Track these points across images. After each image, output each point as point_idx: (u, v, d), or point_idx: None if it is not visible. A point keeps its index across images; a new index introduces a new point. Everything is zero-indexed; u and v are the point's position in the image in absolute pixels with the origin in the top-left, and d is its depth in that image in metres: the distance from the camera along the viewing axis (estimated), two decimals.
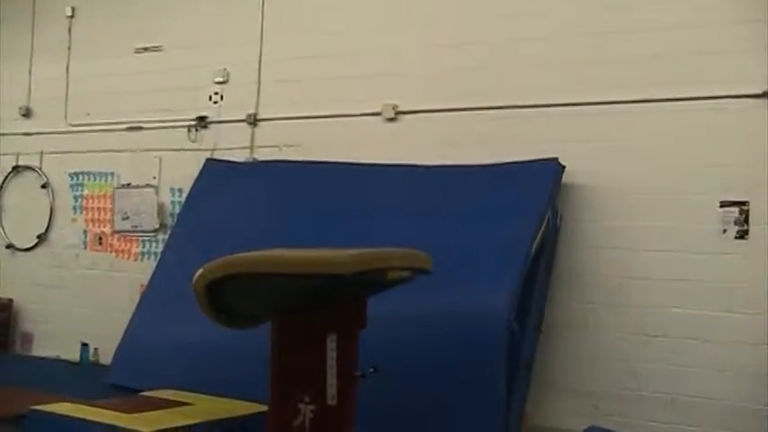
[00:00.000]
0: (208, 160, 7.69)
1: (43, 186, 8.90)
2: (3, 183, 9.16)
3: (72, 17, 8.87)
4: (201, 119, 7.97)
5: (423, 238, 5.27)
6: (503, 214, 5.91)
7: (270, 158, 7.45)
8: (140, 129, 8.30)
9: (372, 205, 6.39)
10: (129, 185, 8.34)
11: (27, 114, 9.09)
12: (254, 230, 6.47)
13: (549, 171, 6.09)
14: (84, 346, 8.06)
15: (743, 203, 5.73)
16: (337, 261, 4.10)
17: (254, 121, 7.70)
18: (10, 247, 9.01)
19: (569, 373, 6.08)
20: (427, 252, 4.74)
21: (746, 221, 5.72)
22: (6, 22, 9.16)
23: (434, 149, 6.63)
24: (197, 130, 7.99)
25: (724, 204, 5.78)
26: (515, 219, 5.82)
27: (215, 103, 7.97)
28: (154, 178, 8.18)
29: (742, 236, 5.73)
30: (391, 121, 7.01)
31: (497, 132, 6.49)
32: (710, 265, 5.76)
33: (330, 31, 7.41)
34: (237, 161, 7.60)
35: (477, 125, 6.59)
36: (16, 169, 9.10)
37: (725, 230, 5.77)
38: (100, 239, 8.48)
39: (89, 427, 4.80)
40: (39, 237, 8.85)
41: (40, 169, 8.94)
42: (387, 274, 4.43)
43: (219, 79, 7.93)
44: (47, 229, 8.83)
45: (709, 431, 5.63)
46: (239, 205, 7.08)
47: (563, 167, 6.11)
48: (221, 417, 5.14)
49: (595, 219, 6.11)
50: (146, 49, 8.40)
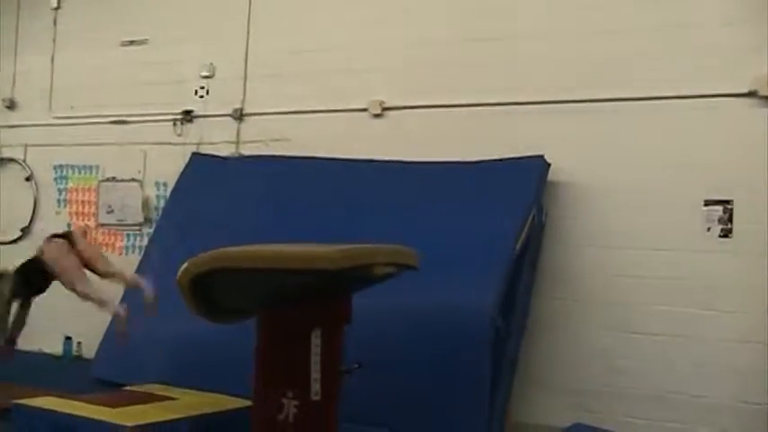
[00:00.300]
0: (193, 154, 7.67)
1: (27, 179, 8.85)
2: None
3: (57, 9, 8.84)
4: (187, 113, 7.95)
5: (408, 233, 5.27)
6: (488, 211, 5.93)
7: (255, 153, 7.43)
8: (125, 122, 8.27)
9: (358, 201, 6.39)
10: (113, 179, 8.31)
11: (11, 106, 9.05)
12: (240, 225, 6.45)
13: (535, 168, 6.11)
14: (68, 339, 8.02)
15: (727, 202, 5.76)
16: (323, 256, 4.09)
17: (239, 116, 7.69)
18: None
19: (554, 370, 6.10)
20: (412, 248, 4.74)
21: (730, 220, 5.76)
22: None
23: (421, 146, 6.64)
24: (182, 124, 7.97)
25: (708, 203, 5.81)
26: (501, 215, 5.83)
27: (201, 97, 7.95)
28: (139, 172, 8.16)
29: (726, 234, 5.77)
30: (378, 117, 7.01)
31: (484, 129, 6.51)
32: (694, 263, 5.80)
33: (317, 26, 7.40)
34: (223, 156, 7.58)
35: (464, 122, 6.61)
36: (0, 161, 9.05)
37: (709, 229, 5.81)
38: (84, 233, 8.42)
39: (74, 421, 4.78)
40: (22, 230, 8.81)
41: (24, 162, 8.89)
42: (372, 269, 4.41)
43: (205, 73, 7.91)
44: (30, 221, 8.79)
45: (694, 428, 5.67)
46: (225, 200, 7.06)
47: (549, 165, 6.12)
48: (206, 411, 5.13)
49: (580, 216, 6.14)
50: (131, 43, 8.37)
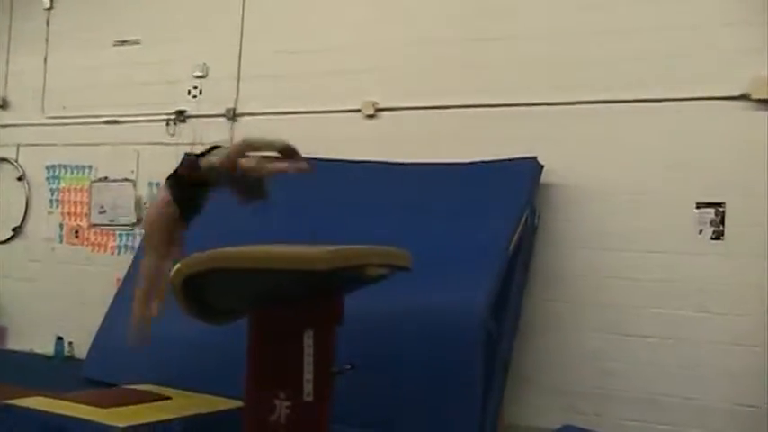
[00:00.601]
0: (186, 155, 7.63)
1: (19, 179, 8.83)
2: None
3: (50, 9, 8.81)
4: (180, 113, 7.94)
5: (400, 234, 5.28)
6: (481, 212, 5.93)
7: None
8: (118, 122, 8.25)
9: (350, 202, 6.37)
10: (106, 179, 8.29)
11: (4, 106, 9.02)
12: (232, 226, 6.42)
13: (528, 170, 6.11)
14: (59, 339, 8.01)
15: (719, 204, 5.77)
16: (315, 257, 4.09)
17: (233, 116, 7.68)
18: None
19: (547, 371, 6.10)
20: (404, 249, 4.74)
21: (722, 223, 5.76)
22: None
23: (414, 147, 6.63)
24: (175, 124, 7.96)
25: (700, 205, 5.82)
26: (493, 217, 5.83)
27: (194, 97, 7.94)
28: (132, 172, 8.14)
29: (718, 237, 5.78)
30: (371, 118, 7.01)
31: (477, 130, 6.51)
32: (687, 265, 5.80)
33: (311, 26, 7.40)
34: None
35: (457, 123, 6.60)
36: None
37: (701, 231, 5.82)
38: (76, 233, 8.42)
39: (65, 422, 4.76)
40: (14, 230, 8.78)
41: (16, 161, 8.86)
42: (365, 270, 4.43)
43: (199, 73, 7.90)
44: (22, 221, 8.77)
45: (685, 430, 5.67)
46: (217, 201, 7.03)
47: (542, 167, 6.13)
48: (198, 412, 5.11)
49: (573, 218, 6.14)
50: (124, 42, 8.35)
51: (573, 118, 6.21)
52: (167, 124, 7.98)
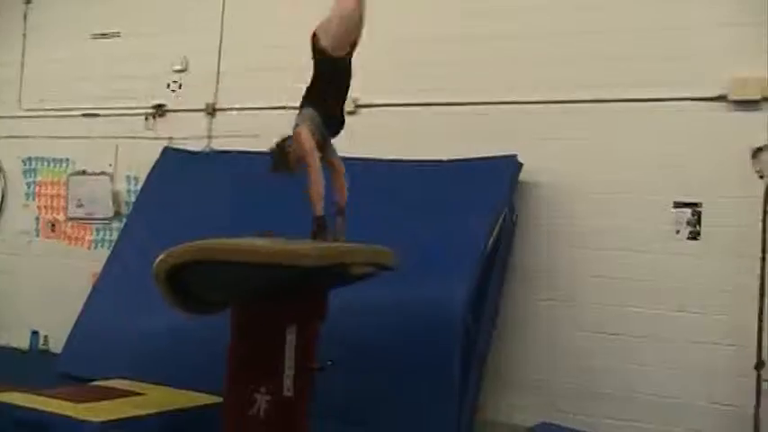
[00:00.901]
0: (165, 149, 7.61)
1: None
2: None
3: (28, 3, 8.73)
4: (159, 107, 7.90)
5: (380, 232, 5.26)
6: (460, 210, 5.93)
7: (228, 149, 7.39)
8: (97, 116, 8.20)
9: (329, 198, 6.36)
10: (84, 172, 8.24)
11: None
12: (211, 221, 6.40)
13: (507, 168, 6.13)
14: (34, 333, 7.95)
15: (696, 205, 5.81)
16: (302, 253, 4.10)
17: (212, 111, 7.65)
18: None
19: (525, 368, 6.13)
20: (388, 248, 4.75)
21: (699, 223, 5.81)
22: None
23: (394, 144, 6.63)
24: (154, 118, 7.92)
25: (678, 205, 5.87)
26: (472, 215, 5.84)
27: (173, 91, 7.90)
28: (110, 166, 8.09)
29: (694, 237, 5.82)
30: (351, 114, 6.99)
31: (456, 128, 6.52)
32: (664, 265, 5.85)
33: (290, 21, 7.34)
34: (195, 150, 7.54)
35: (437, 120, 6.62)
36: None
37: (678, 231, 5.86)
38: (53, 226, 8.36)
39: (40, 417, 4.72)
40: None
41: None
42: (350, 269, 4.43)
43: (178, 67, 7.86)
44: None
45: (664, 428, 5.72)
46: (196, 195, 7.02)
47: (521, 165, 6.15)
48: (174, 407, 5.09)
49: (552, 216, 6.17)
50: (103, 35, 8.30)
51: (553, 117, 6.25)
52: (146, 118, 7.94)
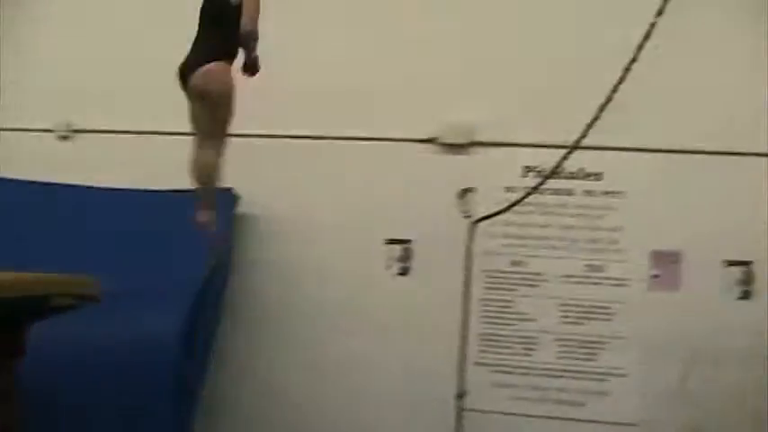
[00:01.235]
0: None
1: None
2: None
3: None
4: None
5: (91, 263, 4.97)
6: (174, 242, 5.75)
7: None
8: None
9: (44, 227, 5.98)
10: None
11: None
12: None
13: (223, 200, 6.01)
14: None
15: (407, 242, 6.03)
16: None
17: None
18: None
19: (239, 405, 6.04)
20: (97, 279, 4.47)
21: (409, 259, 6.02)
22: None
23: (113, 172, 6.26)
24: None
25: (390, 242, 6.06)
26: (187, 247, 5.67)
27: None
28: None
29: (404, 273, 6.03)
30: (65, 139, 6.58)
31: (170, 157, 6.29)
32: (374, 299, 6.03)
33: None
34: None
35: (154, 149, 6.35)
36: None
37: (389, 266, 6.03)
38: None
39: None
40: None
41: None
42: (49, 300, 4.11)
43: None
44: None
45: None
46: None
47: (238, 197, 6.07)
48: None
49: (271, 250, 6.16)
50: None
51: (271, 150, 6.21)
52: None
